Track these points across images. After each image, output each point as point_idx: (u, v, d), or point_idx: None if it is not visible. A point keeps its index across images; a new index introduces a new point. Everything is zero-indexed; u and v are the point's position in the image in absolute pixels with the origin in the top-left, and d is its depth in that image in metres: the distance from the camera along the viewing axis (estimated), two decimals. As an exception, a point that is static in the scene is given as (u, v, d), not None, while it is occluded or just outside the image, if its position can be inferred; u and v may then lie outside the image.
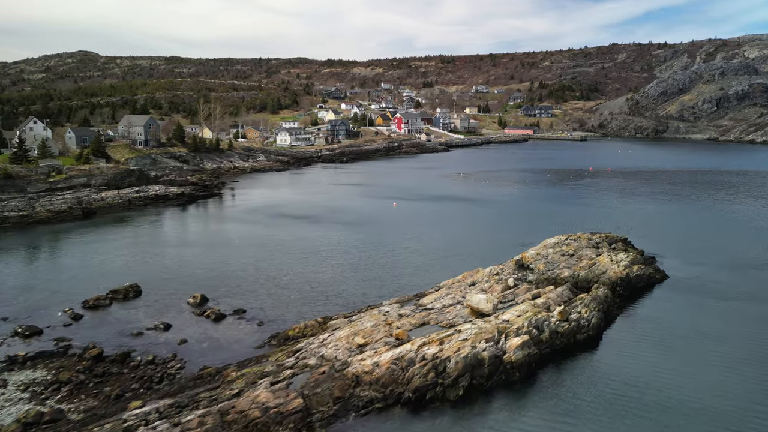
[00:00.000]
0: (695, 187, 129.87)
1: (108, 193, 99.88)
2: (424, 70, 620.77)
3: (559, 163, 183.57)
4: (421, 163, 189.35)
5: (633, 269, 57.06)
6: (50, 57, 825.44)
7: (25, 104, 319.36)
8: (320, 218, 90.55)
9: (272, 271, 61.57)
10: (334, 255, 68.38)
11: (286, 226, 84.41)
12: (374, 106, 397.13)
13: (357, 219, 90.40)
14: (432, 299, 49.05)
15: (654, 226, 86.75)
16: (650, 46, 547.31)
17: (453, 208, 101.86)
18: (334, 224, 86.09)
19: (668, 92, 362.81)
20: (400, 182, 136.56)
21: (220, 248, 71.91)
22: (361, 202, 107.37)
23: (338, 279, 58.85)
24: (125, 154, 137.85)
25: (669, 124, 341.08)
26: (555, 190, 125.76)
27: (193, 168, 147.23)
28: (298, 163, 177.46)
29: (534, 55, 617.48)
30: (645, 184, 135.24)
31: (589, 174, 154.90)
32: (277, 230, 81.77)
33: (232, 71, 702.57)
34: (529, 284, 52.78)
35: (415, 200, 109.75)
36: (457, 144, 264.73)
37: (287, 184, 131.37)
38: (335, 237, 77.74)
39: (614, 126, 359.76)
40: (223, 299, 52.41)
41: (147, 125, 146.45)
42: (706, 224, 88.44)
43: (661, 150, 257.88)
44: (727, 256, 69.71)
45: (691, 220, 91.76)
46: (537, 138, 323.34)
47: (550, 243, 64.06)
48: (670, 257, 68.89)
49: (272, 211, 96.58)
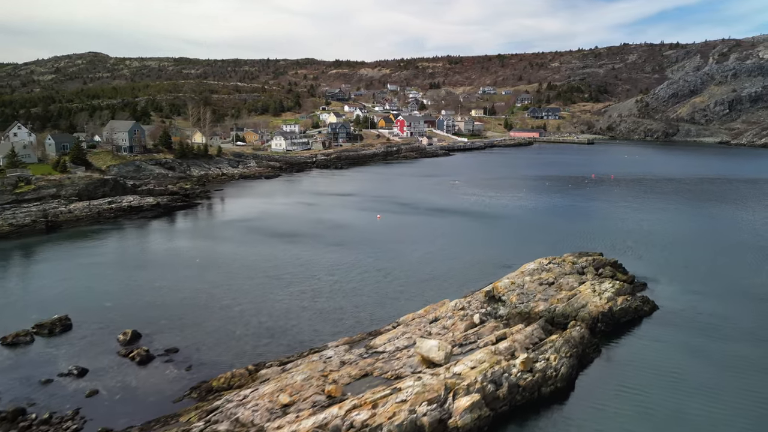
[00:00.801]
0: (701, 197, 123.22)
1: (77, 205, 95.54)
2: (432, 71, 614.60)
3: (560, 170, 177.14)
4: (418, 169, 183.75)
5: (617, 302, 51.38)
6: (60, 58, 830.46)
7: (26, 107, 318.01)
8: (297, 234, 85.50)
9: (225, 299, 56.59)
10: (298, 280, 63.25)
11: (256, 244, 79.45)
12: (378, 108, 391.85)
13: (336, 235, 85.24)
14: (385, 339, 43.75)
15: (651, 244, 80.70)
16: (662, 46, 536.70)
17: (439, 221, 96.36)
18: (309, 241, 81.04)
19: (679, 94, 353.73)
20: (391, 191, 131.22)
21: (177, 270, 67.06)
22: (345, 214, 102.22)
23: (293, 311, 53.66)
24: (107, 161, 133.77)
25: (679, 126, 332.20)
26: (551, 200, 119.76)
27: (179, 175, 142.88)
28: (290, 169, 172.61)
29: (543, 55, 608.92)
30: (648, 193, 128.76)
31: (590, 182, 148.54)
32: (246, 248, 76.82)
33: (239, 72, 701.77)
34: (498, 321, 47.29)
35: (401, 212, 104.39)
36: (458, 148, 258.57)
37: (272, 193, 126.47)
38: (306, 257, 72.65)
39: (623, 128, 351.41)
40: (158, 335, 47.49)
41: (131, 131, 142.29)
42: (708, 242, 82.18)
43: (669, 154, 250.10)
44: (729, 281, 63.69)
45: (692, 237, 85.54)
46: (543, 141, 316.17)
47: (528, 269, 58.45)
48: (664, 283, 63.06)
49: (247, 225, 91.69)
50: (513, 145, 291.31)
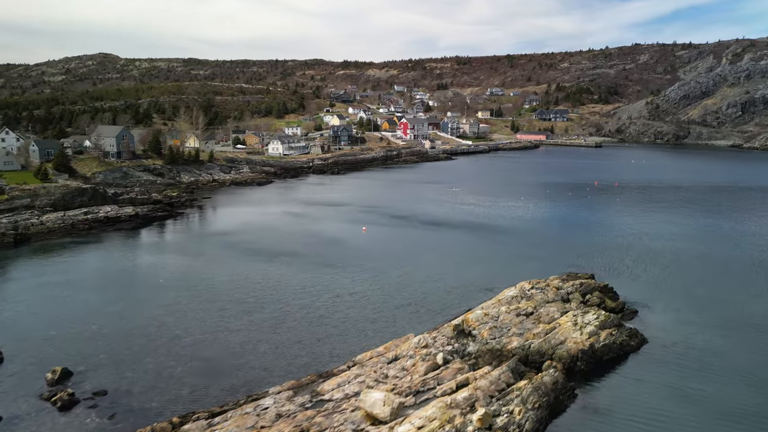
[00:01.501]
0: (709, 209, 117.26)
1: (51, 216, 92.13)
2: (440, 71, 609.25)
3: (563, 176, 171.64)
4: (417, 175, 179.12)
5: (600, 337, 46.59)
6: (71, 59, 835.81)
7: (29, 109, 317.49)
8: (274, 250, 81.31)
9: (177, 329, 52.51)
10: (262, 305, 59.04)
11: (228, 261, 75.39)
12: (382, 110, 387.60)
13: (315, 251, 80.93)
14: (335, 384, 39.33)
15: (650, 263, 75.50)
16: (674, 46, 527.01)
17: (427, 235, 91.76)
18: (285, 259, 76.82)
19: (690, 96, 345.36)
20: (384, 199, 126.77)
21: (137, 291, 63.14)
22: (330, 227, 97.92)
23: (248, 345, 49.40)
24: (93, 168, 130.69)
25: (691, 129, 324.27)
26: (549, 210, 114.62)
27: (168, 182, 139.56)
28: (285, 175, 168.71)
29: (553, 56, 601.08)
30: (652, 203, 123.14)
31: (592, 189, 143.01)
32: (216, 267, 72.77)
33: (247, 73, 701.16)
34: (465, 361, 42.67)
35: (389, 224, 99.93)
36: (462, 151, 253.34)
37: (260, 202, 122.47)
38: (277, 277, 68.45)
39: (632, 131, 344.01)
40: (91, 373, 43.48)
41: (119, 136, 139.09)
42: (713, 261, 76.73)
43: (678, 159, 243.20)
44: (731, 309, 58.48)
45: (696, 255, 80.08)
46: (549, 144, 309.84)
47: (506, 296, 53.75)
48: (657, 310, 58.07)
49: (224, 239, 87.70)
50: (518, 148, 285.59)
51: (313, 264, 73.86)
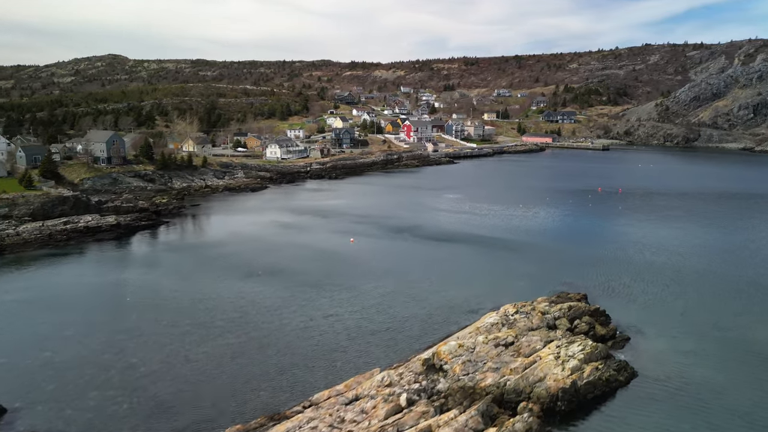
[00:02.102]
0: (718, 219, 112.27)
1: (28, 226, 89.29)
2: (447, 72, 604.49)
3: (565, 181, 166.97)
4: (416, 180, 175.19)
5: (584, 372, 42.59)
6: (80, 60, 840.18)
7: (32, 111, 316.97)
8: (253, 264, 77.90)
9: (133, 358, 49.14)
10: (229, 329, 55.55)
11: (202, 277, 71.99)
12: (387, 111, 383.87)
13: (297, 266, 77.37)
14: (284, 430, 35.63)
15: (650, 281, 71.14)
16: (685, 46, 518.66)
17: (417, 248, 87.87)
18: (264, 274, 73.32)
19: (701, 97, 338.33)
20: (378, 207, 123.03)
21: (100, 312, 59.85)
22: (317, 237, 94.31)
23: (204, 376, 45.91)
24: (81, 174, 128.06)
25: (701, 131, 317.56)
26: (547, 220, 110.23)
27: (159, 188, 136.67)
28: (281, 180, 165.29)
29: (561, 56, 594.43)
30: (657, 213, 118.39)
31: (594, 197, 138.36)
32: (189, 284, 69.36)
33: (255, 74, 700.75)
34: (432, 402, 38.81)
35: (379, 235, 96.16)
36: (465, 155, 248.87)
37: (250, 210, 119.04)
38: (251, 296, 64.93)
39: (641, 133, 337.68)
40: (26, 411, 40.29)
41: (109, 141, 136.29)
42: (718, 279, 72.17)
43: (688, 163, 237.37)
44: (733, 336, 54.27)
45: (700, 271, 75.52)
46: (556, 146, 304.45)
47: (486, 324, 49.81)
48: (652, 336, 53.93)
49: (203, 253, 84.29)
50: (524, 151, 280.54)
51: (292, 281, 70.23)
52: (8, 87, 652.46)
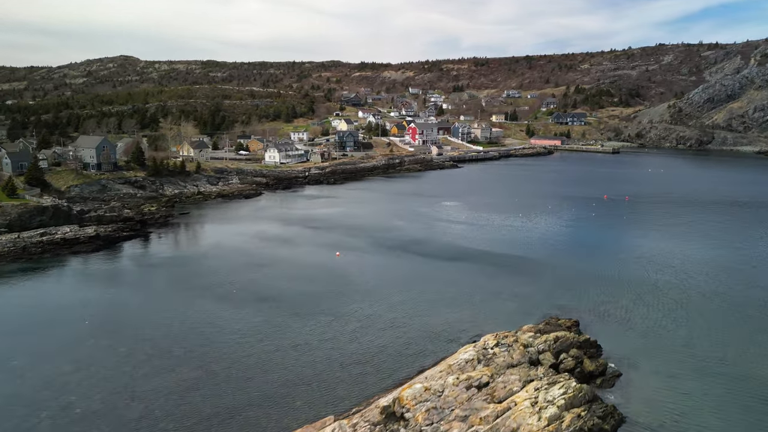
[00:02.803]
0: (730, 231, 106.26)
1: (2, 238, 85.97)
2: (456, 73, 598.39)
3: (571, 187, 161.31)
4: (417, 185, 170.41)
5: (564, 422, 37.81)
6: (92, 61, 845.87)
7: (38, 113, 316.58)
8: (228, 282, 73.88)
9: (73, 395, 45.26)
10: (184, 361, 51.49)
11: (171, 298, 67.98)
12: (394, 113, 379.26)
13: (275, 285, 73.23)
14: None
15: (651, 304, 66.01)
16: (700, 46, 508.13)
17: (403, 264, 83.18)
18: (237, 294, 69.26)
19: (715, 99, 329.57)
20: (371, 217, 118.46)
21: (53, 338, 55.96)
22: (302, 251, 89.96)
23: (141, 423, 41.70)
24: (69, 181, 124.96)
25: (715, 134, 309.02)
26: (546, 231, 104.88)
27: (150, 195, 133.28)
28: (278, 186, 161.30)
29: (573, 57, 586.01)
30: (664, 223, 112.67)
31: (599, 205, 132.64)
32: (154, 305, 65.40)
33: (264, 75, 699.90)
34: (386, 460, 34.25)
35: (367, 249, 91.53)
36: (470, 158, 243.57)
37: (239, 219, 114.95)
38: (217, 321, 60.74)
39: (653, 136, 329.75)
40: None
41: (99, 147, 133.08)
42: (726, 304, 66.72)
43: (700, 167, 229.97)
44: (740, 373, 49.15)
45: (707, 294, 70.12)
46: (565, 149, 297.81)
47: (459, 361, 45.12)
48: (647, 372, 49.04)
49: (178, 268, 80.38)
50: (531, 154, 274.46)
51: (266, 303, 65.94)
52: (21, 88, 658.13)
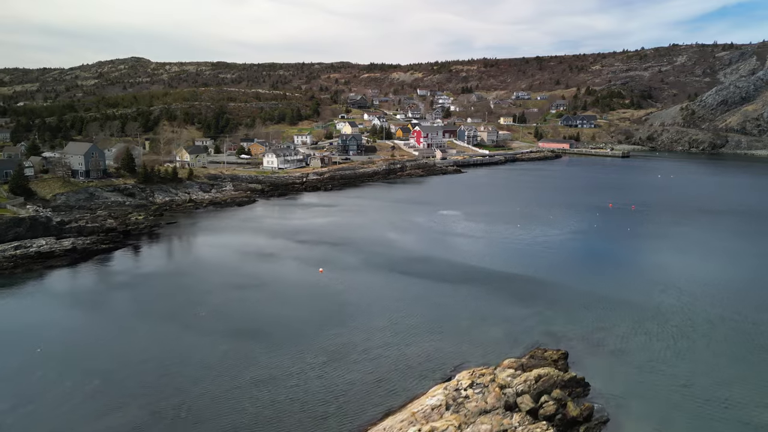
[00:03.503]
0: (741, 244, 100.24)
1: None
2: (465, 74, 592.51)
3: (575, 195, 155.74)
4: (417, 192, 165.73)
5: (539, 490, 32.93)
6: (104, 63, 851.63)
7: (42, 116, 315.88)
8: (200, 302, 69.78)
9: (4, 437, 41.15)
10: (131, 399, 47.29)
11: (135, 322, 63.94)
12: (400, 116, 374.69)
13: (248, 307, 68.96)
14: None
15: (649, 334, 60.74)
16: (714, 47, 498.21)
17: (388, 283, 78.48)
18: (205, 320, 65.06)
19: (729, 101, 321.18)
20: (363, 228, 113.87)
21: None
22: (285, 266, 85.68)
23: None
24: (55, 189, 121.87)
25: (729, 137, 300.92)
26: (544, 244, 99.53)
27: (139, 202, 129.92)
28: (273, 193, 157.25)
29: (584, 57, 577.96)
30: (671, 236, 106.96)
31: (603, 214, 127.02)
32: (115, 331, 61.41)
33: (273, 76, 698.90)
34: None
35: (353, 265, 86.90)
36: (475, 162, 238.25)
37: (226, 230, 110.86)
38: (178, 350, 56.69)
39: (665, 139, 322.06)
40: None
41: (88, 154, 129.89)
42: (737, 333, 61.31)
43: (713, 173, 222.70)
44: (746, 415, 43.93)
45: (715, 321, 64.64)
46: (573, 153, 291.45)
47: (425, 408, 40.50)
48: (639, 418, 44.35)
49: (152, 286, 76.47)
50: (538, 158, 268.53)
51: (236, 328, 61.55)
52: (33, 90, 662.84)
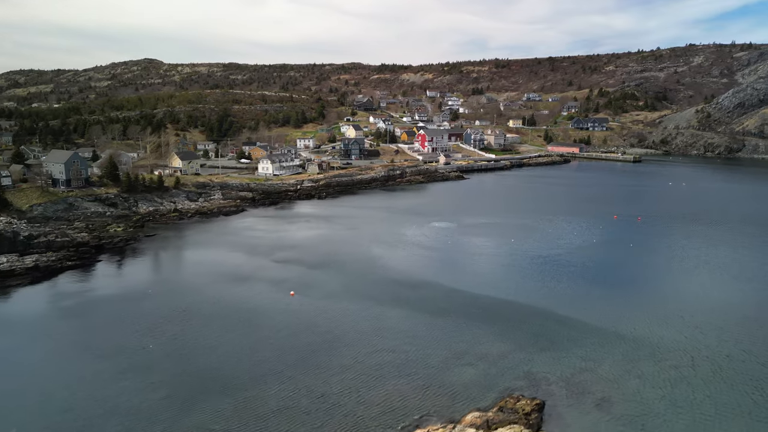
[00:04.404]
0: (756, 265, 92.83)
1: (-75, 273, 78.18)
2: (476, 75, 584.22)
3: (580, 204, 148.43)
4: (413, 201, 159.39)
5: None
6: (117, 64, 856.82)
7: (46, 119, 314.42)
8: (152, 332, 64.41)
9: None
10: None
11: (75, 356, 58.76)
12: (406, 118, 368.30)
13: (203, 338, 63.48)
14: None
15: (643, 380, 53.96)
16: (732, 47, 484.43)
17: (360, 312, 72.33)
18: (149, 356, 59.66)
19: (746, 104, 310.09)
20: (348, 243, 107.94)
21: None
22: (255, 289, 79.82)
23: None
24: (33, 199, 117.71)
25: (746, 141, 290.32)
26: (536, 264, 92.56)
27: (122, 213, 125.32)
28: (264, 201, 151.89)
29: (598, 58, 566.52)
30: (677, 254, 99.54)
31: (607, 226, 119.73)
32: (51, 366, 56.27)
33: (284, 77, 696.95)
34: None
35: (328, 288, 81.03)
36: (479, 168, 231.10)
37: (205, 243, 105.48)
38: (111, 399, 51.19)
39: (679, 142, 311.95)
40: None
41: (69, 162, 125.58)
42: (741, 379, 54.52)
43: (728, 180, 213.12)
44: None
45: (718, 364, 57.87)
46: (583, 157, 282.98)
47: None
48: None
49: (108, 312, 71.15)
50: (546, 163, 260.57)
51: (177, 370, 55.52)
52: (47, 91, 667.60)
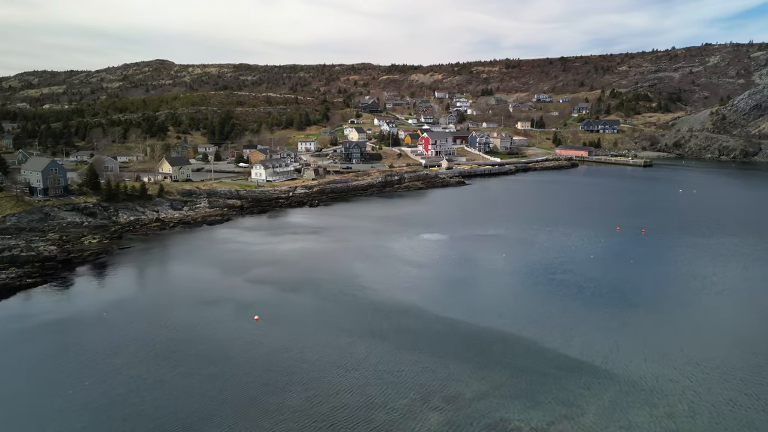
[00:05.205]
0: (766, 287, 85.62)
1: None
2: (486, 76, 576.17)
3: (581, 213, 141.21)
4: (408, 209, 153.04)
5: None
6: (129, 66, 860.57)
7: (48, 121, 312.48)
8: (95, 366, 59.08)
9: None
10: None
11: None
12: (412, 121, 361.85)
13: (144, 377, 57.93)
14: None
15: (647, 423, 47.55)
16: (749, 46, 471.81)
17: (328, 341, 66.56)
18: (84, 394, 54.26)
19: (763, 106, 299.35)
20: (329, 259, 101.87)
21: None
22: (220, 313, 74.00)
23: None
24: (7, 209, 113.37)
25: (762, 144, 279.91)
26: (526, 285, 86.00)
27: (101, 222, 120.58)
28: (253, 209, 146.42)
29: (611, 58, 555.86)
30: (682, 273, 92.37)
31: (608, 239, 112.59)
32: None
33: (293, 78, 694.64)
34: None
35: (293, 313, 75.26)
36: (482, 172, 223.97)
37: (177, 258, 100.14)
38: None
39: (693, 146, 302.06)
40: None
41: (47, 170, 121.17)
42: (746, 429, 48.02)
43: (743, 186, 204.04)
44: None
45: (718, 410, 51.27)
46: (592, 161, 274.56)
47: None
48: None
49: (49, 343, 65.95)
50: (553, 167, 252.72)
51: (110, 414, 50.45)
52: (59, 92, 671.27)
